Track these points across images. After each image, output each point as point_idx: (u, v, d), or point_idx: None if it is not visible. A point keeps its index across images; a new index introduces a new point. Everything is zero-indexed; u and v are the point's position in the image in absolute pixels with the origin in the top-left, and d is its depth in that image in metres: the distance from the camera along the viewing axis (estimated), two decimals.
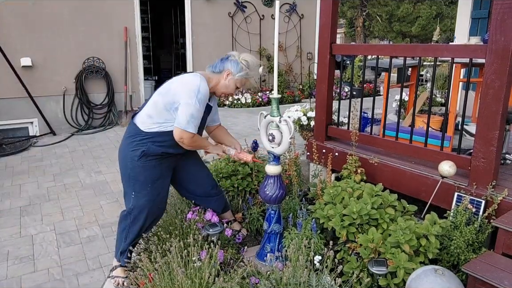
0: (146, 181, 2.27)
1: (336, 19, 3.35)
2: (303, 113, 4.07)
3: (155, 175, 2.29)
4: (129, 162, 2.24)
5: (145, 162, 2.24)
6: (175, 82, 2.26)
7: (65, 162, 4.85)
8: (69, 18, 6.15)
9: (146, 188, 2.27)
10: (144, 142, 2.22)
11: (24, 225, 3.26)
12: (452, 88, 3.51)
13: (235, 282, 1.96)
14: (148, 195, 2.29)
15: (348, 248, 2.34)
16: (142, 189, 2.27)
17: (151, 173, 2.27)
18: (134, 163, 2.23)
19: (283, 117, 2.32)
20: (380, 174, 2.97)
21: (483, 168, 2.43)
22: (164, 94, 2.23)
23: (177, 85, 2.22)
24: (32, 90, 5.94)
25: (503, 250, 2.18)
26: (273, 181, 2.40)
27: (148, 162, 2.25)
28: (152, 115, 2.23)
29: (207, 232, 2.39)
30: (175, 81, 2.27)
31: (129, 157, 2.24)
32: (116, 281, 2.39)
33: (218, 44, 7.53)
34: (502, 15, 2.24)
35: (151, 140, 2.22)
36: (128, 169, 2.26)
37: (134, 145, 2.22)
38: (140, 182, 2.26)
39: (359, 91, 7.33)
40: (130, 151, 2.23)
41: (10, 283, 2.53)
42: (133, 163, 2.23)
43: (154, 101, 2.25)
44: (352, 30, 22.77)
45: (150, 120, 2.23)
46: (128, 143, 2.26)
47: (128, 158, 2.24)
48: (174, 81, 2.27)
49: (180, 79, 2.26)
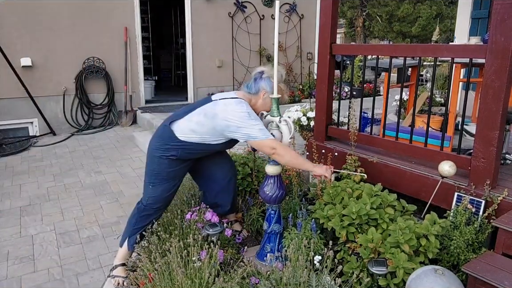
0: (167, 176, 2.41)
1: (336, 19, 3.34)
2: (303, 113, 4.07)
3: (176, 173, 2.45)
4: (157, 159, 2.37)
5: (171, 162, 2.37)
6: (220, 108, 2.27)
7: (65, 162, 4.85)
8: (69, 18, 6.15)
9: (164, 181, 2.42)
10: (177, 148, 2.34)
11: (24, 225, 3.26)
12: (452, 88, 3.51)
13: (235, 282, 1.96)
14: (163, 186, 2.42)
15: (348, 248, 2.34)
16: (161, 181, 2.41)
17: (173, 171, 2.42)
18: (161, 160, 2.36)
19: (283, 117, 2.32)
20: (380, 174, 2.97)
21: (483, 168, 2.43)
22: (211, 118, 2.27)
23: (226, 113, 2.23)
24: (32, 90, 5.95)
25: (503, 250, 2.18)
26: (273, 181, 2.40)
27: (174, 162, 2.38)
28: (196, 131, 2.31)
29: (207, 232, 2.39)
30: (220, 107, 2.27)
31: (158, 156, 2.36)
32: (116, 281, 2.40)
33: (218, 44, 7.53)
34: (502, 15, 2.23)
35: (184, 147, 2.34)
36: (155, 164, 2.40)
37: (166, 148, 2.34)
38: (161, 176, 2.40)
39: (359, 91, 7.33)
40: (160, 150, 2.35)
41: (10, 283, 2.53)
42: (160, 160, 2.37)
43: (198, 121, 2.30)
44: (352, 30, 22.76)
45: (193, 133, 2.32)
46: (160, 144, 2.36)
47: (157, 156, 2.37)
48: (219, 107, 2.27)
49: (224, 107, 2.26)
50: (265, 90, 2.36)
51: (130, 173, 4.46)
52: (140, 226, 2.45)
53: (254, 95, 2.40)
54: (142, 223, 2.45)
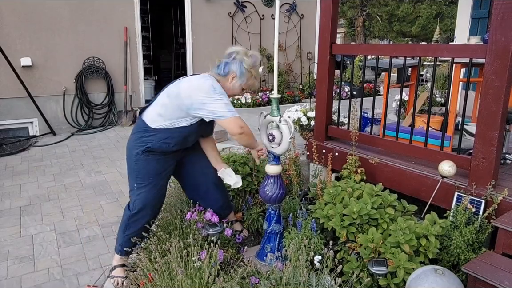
0: (148, 174, 2.33)
1: (336, 19, 3.34)
2: (303, 113, 4.07)
3: (157, 169, 2.35)
4: (134, 155, 2.30)
5: (147, 156, 2.29)
6: (184, 85, 2.22)
7: (65, 162, 4.85)
8: (69, 18, 6.15)
9: (147, 180, 2.34)
10: (151, 139, 2.26)
11: (24, 225, 3.26)
12: (452, 88, 3.51)
13: (235, 282, 1.96)
14: (148, 186, 2.35)
15: (348, 248, 2.33)
16: (144, 181, 2.33)
17: (153, 167, 2.33)
18: (138, 157, 2.29)
19: (283, 117, 2.32)
20: (380, 174, 2.97)
21: (483, 168, 2.43)
22: (174, 97, 2.21)
23: (189, 89, 2.18)
24: (32, 90, 5.94)
25: (503, 250, 2.18)
26: (273, 181, 2.40)
27: (151, 156, 2.30)
28: (162, 114, 2.24)
29: (207, 232, 2.39)
30: (184, 84, 2.22)
31: (134, 151, 2.30)
32: (116, 281, 2.39)
33: (218, 44, 7.53)
34: (502, 15, 2.23)
35: (157, 136, 2.25)
36: (133, 162, 2.33)
37: (141, 140, 2.27)
38: (142, 175, 2.33)
39: (359, 91, 7.33)
40: (136, 146, 2.29)
41: (10, 283, 2.53)
42: (138, 157, 2.29)
43: (163, 103, 2.24)
44: (352, 30, 22.77)
45: (160, 118, 2.24)
46: (135, 138, 2.31)
47: (134, 152, 2.30)
48: (183, 84, 2.23)
49: (188, 83, 2.22)
50: (234, 74, 2.27)
51: None
52: (130, 233, 2.38)
53: (223, 77, 2.30)
54: (132, 229, 2.38)
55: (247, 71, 2.29)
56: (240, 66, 2.27)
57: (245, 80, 2.31)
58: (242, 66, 2.27)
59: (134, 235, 2.37)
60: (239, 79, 2.29)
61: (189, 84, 2.21)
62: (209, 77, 2.23)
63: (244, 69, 2.28)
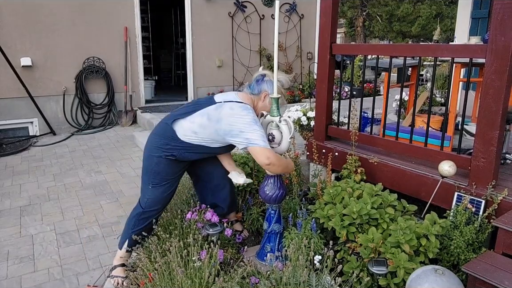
0: (166, 176, 2.41)
1: (336, 19, 3.34)
2: (303, 113, 4.07)
3: (176, 172, 2.46)
4: (156, 158, 2.37)
5: (170, 161, 2.38)
6: (226, 111, 2.27)
7: (65, 162, 4.85)
8: (69, 18, 6.15)
9: (164, 181, 2.41)
10: (178, 149, 2.34)
11: (24, 225, 3.26)
12: (452, 88, 3.51)
13: (235, 282, 1.96)
14: (165, 186, 2.43)
15: (348, 248, 2.34)
16: (161, 182, 2.41)
17: (172, 170, 2.42)
18: (160, 159, 2.36)
19: (283, 117, 2.32)
20: (380, 174, 2.97)
21: (483, 168, 2.43)
22: (215, 121, 2.28)
23: (231, 117, 2.24)
24: (32, 90, 5.95)
25: (503, 250, 2.18)
26: (273, 181, 2.40)
27: (173, 162, 2.39)
28: (198, 133, 2.32)
29: (207, 232, 2.39)
30: (226, 111, 2.27)
31: (156, 153, 2.36)
32: (116, 281, 2.39)
33: (218, 44, 7.53)
34: (502, 15, 2.23)
35: (185, 148, 2.34)
36: (153, 164, 2.38)
37: (167, 147, 2.34)
38: (160, 176, 2.40)
39: (359, 91, 7.33)
40: (161, 150, 2.35)
41: (10, 283, 2.53)
42: (160, 159, 2.36)
43: (202, 123, 2.30)
44: (352, 30, 22.76)
45: (194, 135, 2.32)
46: (161, 143, 2.36)
47: (156, 154, 2.36)
48: (225, 111, 2.27)
49: (231, 111, 2.27)
50: (266, 92, 2.40)
51: (130, 172, 4.46)
52: (138, 229, 2.43)
53: (256, 96, 2.44)
54: (140, 225, 2.44)
55: (278, 89, 2.36)
56: (271, 85, 2.37)
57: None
58: (273, 84, 2.36)
59: (141, 231, 2.42)
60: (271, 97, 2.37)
61: (232, 113, 2.26)
62: (250, 109, 2.30)
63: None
